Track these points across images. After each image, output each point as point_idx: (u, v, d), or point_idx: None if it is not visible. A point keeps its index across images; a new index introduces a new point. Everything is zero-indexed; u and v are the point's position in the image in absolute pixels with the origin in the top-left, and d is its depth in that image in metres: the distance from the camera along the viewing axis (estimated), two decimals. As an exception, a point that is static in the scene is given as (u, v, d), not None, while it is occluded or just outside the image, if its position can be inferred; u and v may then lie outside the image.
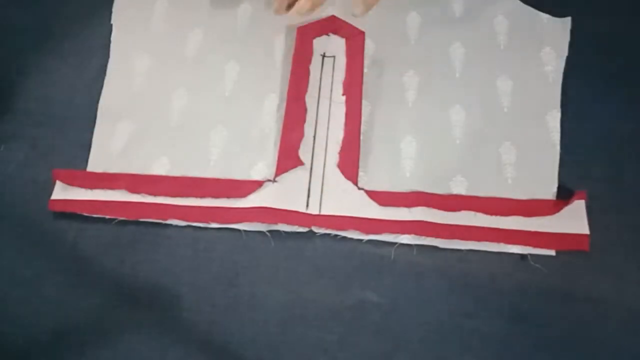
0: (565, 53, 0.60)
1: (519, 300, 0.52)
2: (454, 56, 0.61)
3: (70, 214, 0.56)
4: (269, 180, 0.56)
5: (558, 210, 0.53)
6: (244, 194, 0.55)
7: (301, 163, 0.56)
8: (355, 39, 0.62)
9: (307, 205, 0.55)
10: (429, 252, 0.53)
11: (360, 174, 0.56)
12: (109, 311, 0.53)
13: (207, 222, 0.55)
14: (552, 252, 0.53)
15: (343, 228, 0.54)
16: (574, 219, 0.53)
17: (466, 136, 0.57)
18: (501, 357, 0.51)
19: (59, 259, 0.55)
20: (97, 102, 0.60)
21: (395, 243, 0.54)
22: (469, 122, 0.58)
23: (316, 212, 0.54)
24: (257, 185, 0.56)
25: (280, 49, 0.63)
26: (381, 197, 0.54)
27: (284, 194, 0.55)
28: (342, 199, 0.55)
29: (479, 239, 0.52)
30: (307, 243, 0.54)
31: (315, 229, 0.54)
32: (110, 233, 0.55)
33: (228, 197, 0.55)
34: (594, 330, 0.51)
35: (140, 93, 0.62)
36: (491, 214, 0.53)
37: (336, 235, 0.54)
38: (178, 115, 0.60)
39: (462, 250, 0.53)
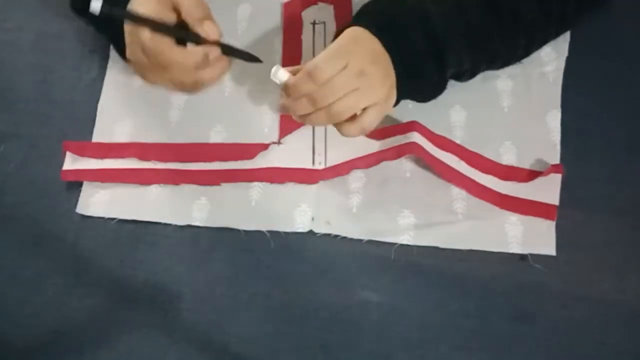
0: (565, 53, 0.60)
1: (519, 300, 0.52)
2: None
3: (71, 213, 0.56)
4: (275, 143, 0.57)
5: (532, 179, 0.54)
6: (251, 156, 0.57)
7: (303, 123, 0.57)
8: (342, 4, 0.63)
9: (313, 162, 0.56)
10: (429, 252, 0.53)
11: None
12: (109, 311, 0.53)
13: (217, 183, 0.56)
14: (552, 252, 0.53)
15: (347, 172, 0.55)
16: (547, 190, 0.54)
17: (466, 136, 0.57)
18: (501, 357, 0.51)
19: (59, 259, 0.55)
20: (97, 102, 0.60)
21: (395, 243, 0.54)
22: (469, 122, 0.58)
23: (322, 167, 0.56)
24: (263, 147, 0.57)
25: (279, 49, 0.62)
26: (380, 132, 0.56)
27: (290, 154, 0.56)
28: (344, 147, 0.56)
29: (458, 185, 0.54)
30: (307, 243, 0.54)
31: (315, 229, 0.54)
32: (110, 233, 0.55)
33: (236, 159, 0.57)
34: (594, 330, 0.51)
35: (139, 93, 0.61)
36: (471, 165, 0.55)
37: (336, 236, 0.54)
38: (177, 115, 0.60)
39: (462, 250, 0.53)
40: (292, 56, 0.61)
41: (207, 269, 0.54)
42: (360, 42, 0.50)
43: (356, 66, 0.48)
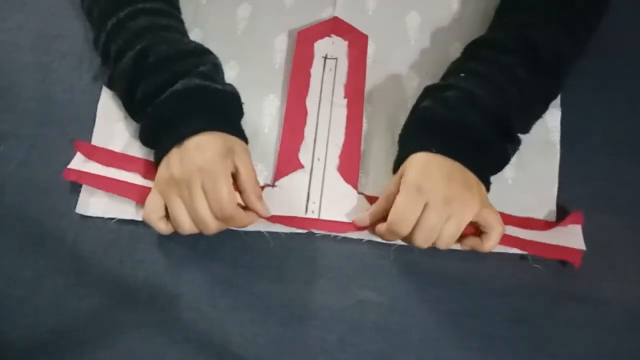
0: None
1: (519, 300, 0.52)
2: (454, 56, 0.61)
3: (71, 213, 0.56)
4: (269, 185, 0.56)
5: (550, 229, 0.53)
6: None
7: (301, 166, 0.56)
8: (358, 42, 0.62)
9: (307, 210, 0.55)
10: (429, 252, 0.53)
11: (361, 176, 0.56)
12: (109, 311, 0.53)
13: None
14: (552, 253, 0.53)
15: (342, 231, 0.54)
16: (570, 236, 0.53)
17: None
18: (501, 357, 0.51)
19: (59, 259, 0.55)
20: (97, 102, 0.60)
21: (395, 243, 0.53)
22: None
23: (315, 217, 0.54)
24: None
25: (280, 49, 0.62)
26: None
27: (284, 199, 0.55)
28: (341, 204, 0.55)
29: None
30: (307, 244, 0.54)
31: (314, 231, 0.54)
32: (110, 233, 0.55)
33: None
34: (594, 330, 0.51)
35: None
36: None
37: (336, 236, 0.54)
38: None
39: (462, 250, 0.53)
40: (298, 89, 0.59)
41: (207, 269, 0.54)
42: (430, 172, 0.48)
43: (438, 200, 0.47)
